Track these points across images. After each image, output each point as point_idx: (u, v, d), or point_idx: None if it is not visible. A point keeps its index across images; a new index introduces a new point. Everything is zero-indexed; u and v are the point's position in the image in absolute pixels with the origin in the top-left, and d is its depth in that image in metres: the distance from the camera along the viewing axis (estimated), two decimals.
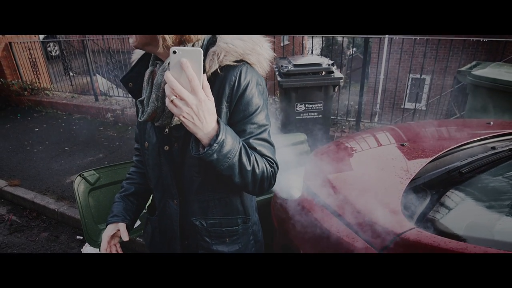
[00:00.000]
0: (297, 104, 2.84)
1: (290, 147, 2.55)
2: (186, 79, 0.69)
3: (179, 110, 0.70)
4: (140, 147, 1.02)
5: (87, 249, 2.55)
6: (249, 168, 0.79)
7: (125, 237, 1.00)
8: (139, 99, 0.86)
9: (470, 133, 1.72)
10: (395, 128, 2.08)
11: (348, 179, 1.52)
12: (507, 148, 1.45)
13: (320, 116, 2.90)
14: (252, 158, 0.80)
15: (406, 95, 7.77)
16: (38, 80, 5.75)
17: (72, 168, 3.58)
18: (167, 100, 0.71)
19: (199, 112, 0.71)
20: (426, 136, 1.81)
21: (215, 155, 0.74)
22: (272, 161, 0.86)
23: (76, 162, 3.71)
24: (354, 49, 17.21)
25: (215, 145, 0.73)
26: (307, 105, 2.85)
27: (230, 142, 0.76)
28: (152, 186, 1.01)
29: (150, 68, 0.86)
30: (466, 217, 1.10)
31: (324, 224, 1.40)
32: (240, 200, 0.97)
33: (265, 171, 0.83)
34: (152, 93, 0.82)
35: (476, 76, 2.46)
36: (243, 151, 0.78)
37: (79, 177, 1.98)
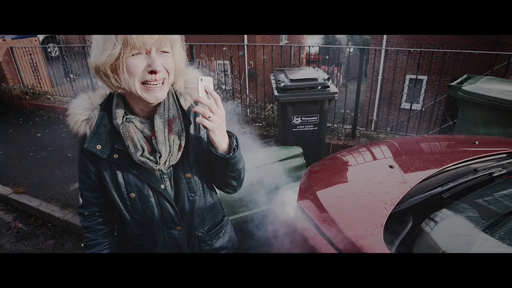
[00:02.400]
0: (293, 117, 2.93)
1: (286, 161, 2.66)
2: (211, 99, 0.90)
3: (214, 124, 0.89)
4: (118, 200, 1.02)
5: None
6: (243, 160, 1.08)
7: None
8: (143, 154, 0.94)
9: (455, 154, 1.81)
10: (385, 145, 2.18)
11: (337, 201, 1.62)
12: (487, 172, 1.55)
13: (316, 128, 2.99)
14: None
15: (403, 95, 7.87)
16: (39, 84, 5.83)
17: (75, 175, 3.68)
18: (200, 119, 0.87)
19: (223, 123, 0.92)
20: (413, 157, 1.90)
21: (239, 154, 1.00)
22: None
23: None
24: (353, 46, 17.22)
25: (239, 145, 0.99)
26: (303, 118, 2.94)
27: (239, 144, 1.01)
28: (139, 233, 1.07)
29: (161, 121, 0.96)
30: (439, 245, 1.20)
31: (313, 244, 1.50)
32: (218, 201, 1.23)
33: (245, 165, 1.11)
34: (173, 143, 0.97)
35: (465, 91, 2.55)
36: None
37: None
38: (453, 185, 1.49)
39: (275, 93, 2.83)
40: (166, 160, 0.97)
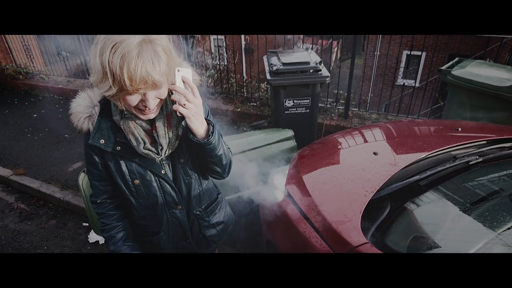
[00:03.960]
0: (285, 100, 2.97)
1: (278, 144, 2.73)
2: (188, 89, 0.96)
3: (189, 111, 0.94)
4: (124, 187, 1.12)
5: (93, 235, 2.81)
6: (225, 147, 1.14)
7: None
8: (145, 146, 1.04)
9: (437, 141, 1.88)
10: (372, 130, 2.25)
11: (322, 188, 1.71)
12: (464, 161, 1.63)
13: (308, 111, 3.04)
14: (224, 143, 1.14)
15: (399, 71, 7.80)
16: (32, 63, 5.76)
17: (74, 156, 3.76)
18: (176, 106, 0.93)
19: (200, 111, 0.97)
20: (397, 143, 1.98)
21: (216, 139, 1.04)
22: (229, 147, 1.20)
23: (77, 150, 3.88)
24: None
25: (214, 132, 1.03)
26: (295, 101, 2.98)
27: (216, 130, 1.06)
28: (144, 214, 1.19)
29: (161, 116, 1.04)
30: (411, 233, 1.30)
31: (298, 227, 1.61)
32: (211, 181, 1.35)
33: (230, 153, 1.18)
34: (172, 134, 1.06)
35: (454, 76, 2.58)
36: (221, 138, 1.12)
37: (82, 173, 2.18)
38: (431, 173, 1.58)
39: (268, 76, 2.85)
40: (166, 150, 1.07)
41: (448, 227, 1.26)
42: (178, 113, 0.95)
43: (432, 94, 3.78)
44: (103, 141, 1.04)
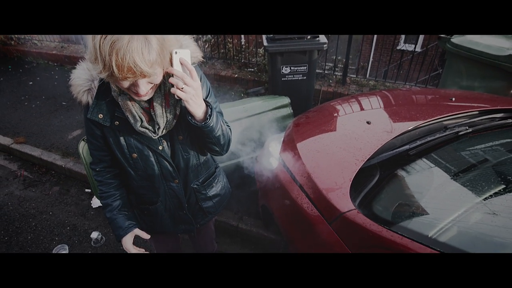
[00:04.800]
0: (282, 67, 2.93)
1: (274, 111, 2.74)
2: (187, 71, 0.93)
3: (187, 95, 0.93)
4: (122, 159, 1.16)
5: (96, 201, 2.92)
6: (224, 127, 1.14)
7: (146, 236, 1.28)
8: (142, 124, 1.05)
9: (431, 111, 1.90)
10: (368, 99, 2.25)
11: (315, 156, 1.76)
12: (453, 131, 1.66)
13: (305, 78, 3.02)
14: (224, 124, 1.14)
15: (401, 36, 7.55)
16: None
17: (72, 124, 3.78)
18: (174, 89, 0.92)
19: (198, 94, 0.97)
20: (391, 112, 2.00)
21: (213, 121, 1.04)
22: (229, 125, 1.21)
23: (75, 117, 3.90)
24: None
25: (212, 115, 1.03)
26: (292, 68, 2.94)
27: (215, 112, 1.06)
28: (142, 185, 1.23)
29: (159, 96, 1.03)
30: (397, 200, 1.37)
31: (291, 194, 1.68)
32: (210, 156, 1.36)
33: (229, 132, 1.18)
34: (170, 113, 1.06)
35: (454, 44, 2.53)
36: (220, 118, 1.11)
37: (82, 141, 2.23)
38: (420, 142, 1.62)
39: (265, 42, 2.80)
40: (163, 129, 1.08)
41: (432, 195, 1.32)
42: (176, 96, 0.94)
43: (431, 61, 3.71)
44: (102, 116, 1.05)
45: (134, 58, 0.81)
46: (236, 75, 4.21)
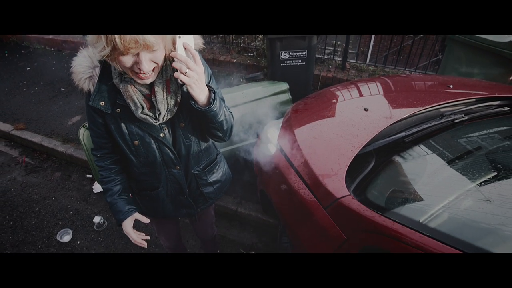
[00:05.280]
0: (281, 52, 2.91)
1: (273, 97, 2.75)
2: (190, 56, 0.94)
3: (191, 79, 0.94)
4: (124, 146, 1.18)
5: (97, 186, 2.97)
6: (227, 113, 1.15)
7: (146, 220, 1.31)
8: (143, 111, 1.06)
9: (428, 98, 1.90)
10: (366, 85, 2.26)
11: (312, 142, 1.78)
12: (449, 119, 1.68)
13: (304, 63, 3.00)
14: (226, 109, 1.15)
15: None
16: None
17: (72, 110, 3.78)
18: (177, 74, 0.92)
19: (201, 79, 0.97)
20: (388, 99, 2.00)
21: (216, 106, 1.04)
22: (231, 111, 1.22)
23: (74, 103, 3.90)
24: None
25: (216, 99, 1.03)
26: (291, 53, 2.92)
27: (218, 97, 1.07)
28: (143, 171, 1.26)
29: (160, 81, 1.03)
30: (391, 187, 1.40)
31: (288, 179, 1.72)
32: (212, 142, 1.39)
33: (231, 118, 1.19)
34: (171, 99, 1.06)
35: None
36: (222, 103, 1.12)
37: (82, 128, 2.25)
38: (416, 130, 1.64)
39: None
40: (164, 116, 1.09)
41: (425, 182, 1.35)
42: (179, 81, 0.94)
43: (432, 46, 3.68)
44: (103, 103, 1.06)
45: None
46: (235, 60, 4.17)
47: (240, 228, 2.61)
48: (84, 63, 1.04)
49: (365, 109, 1.90)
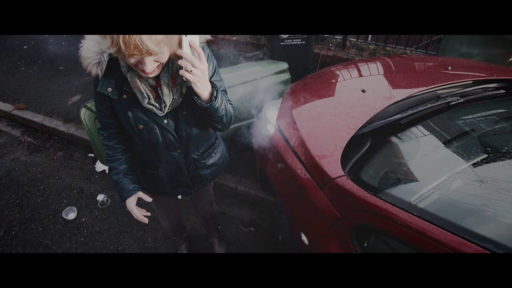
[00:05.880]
0: None
1: (272, 76, 2.74)
2: (195, 54, 0.96)
3: (195, 77, 0.97)
4: (128, 129, 1.22)
5: (100, 165, 3.03)
6: (228, 107, 1.19)
7: (148, 199, 1.38)
8: (149, 102, 1.09)
9: (425, 80, 1.91)
10: (365, 66, 2.26)
11: (309, 123, 1.81)
12: (445, 101, 1.70)
13: (304, 42, 2.97)
14: (227, 103, 1.20)
15: None
16: None
17: (71, 89, 3.78)
18: (182, 71, 0.96)
19: (205, 76, 1.01)
20: (386, 80, 2.01)
21: (218, 103, 1.09)
22: (231, 103, 1.28)
23: (73, 82, 3.88)
24: None
25: (218, 96, 1.08)
26: None
27: (220, 94, 1.11)
28: (146, 151, 1.31)
29: (166, 75, 1.07)
30: (384, 168, 1.44)
31: (286, 159, 1.77)
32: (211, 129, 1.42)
33: (231, 110, 1.24)
34: (176, 92, 1.10)
35: None
36: (224, 98, 1.16)
37: (84, 108, 2.28)
38: (412, 112, 1.66)
39: None
40: (169, 107, 1.13)
41: (417, 163, 1.40)
42: (184, 78, 0.97)
43: None
44: (110, 89, 1.10)
45: (141, 36, 0.84)
46: (234, 38, 4.11)
47: (240, 205, 2.70)
48: (93, 48, 1.06)
49: (363, 91, 1.91)
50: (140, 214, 1.37)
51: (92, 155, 3.15)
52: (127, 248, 2.35)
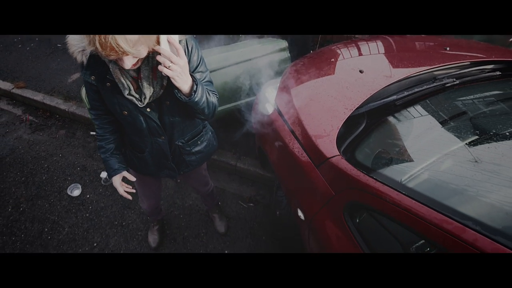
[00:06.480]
0: None
1: (271, 55, 2.74)
2: (174, 50, 0.98)
3: (174, 72, 0.99)
4: (114, 113, 1.25)
5: None
6: (210, 100, 1.20)
7: (133, 178, 1.45)
8: (129, 93, 1.12)
9: (423, 61, 1.92)
10: (364, 45, 2.25)
11: (307, 103, 1.84)
12: (441, 83, 1.72)
13: None
14: (210, 95, 1.21)
15: None
16: None
17: (71, 67, 3.77)
18: (161, 67, 0.99)
19: (185, 71, 1.04)
20: (384, 60, 2.02)
21: (198, 97, 1.11)
22: (216, 94, 1.28)
23: (72, 60, 3.83)
24: None
25: (197, 90, 1.09)
26: None
27: (201, 87, 1.12)
28: (131, 134, 1.35)
29: (146, 68, 1.08)
30: (378, 148, 1.49)
31: (284, 139, 1.82)
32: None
33: (215, 102, 1.25)
34: (157, 85, 1.12)
35: None
36: (206, 91, 1.18)
37: (84, 87, 2.31)
38: (407, 93, 1.69)
39: None
40: (150, 97, 1.15)
41: (410, 144, 1.44)
42: (163, 73, 0.98)
43: None
44: (94, 77, 1.12)
45: (115, 38, 0.85)
46: None
47: (239, 182, 2.78)
48: (77, 36, 1.07)
49: (360, 71, 1.93)
50: (124, 192, 1.44)
51: (94, 133, 3.19)
52: (131, 223, 2.45)
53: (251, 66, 2.64)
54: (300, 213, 1.70)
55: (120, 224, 2.46)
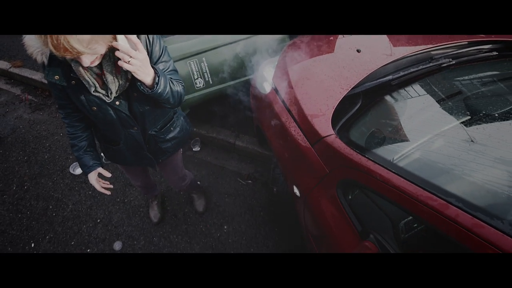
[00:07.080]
0: None
1: (269, 35, 2.71)
2: (132, 45, 0.99)
3: (134, 67, 1.00)
4: (83, 110, 1.23)
5: None
6: (174, 89, 1.20)
7: (108, 174, 1.46)
8: (95, 90, 1.12)
9: (422, 39, 1.91)
10: None
11: (304, 83, 1.86)
12: (437, 63, 1.72)
13: None
14: (174, 84, 1.20)
15: None
16: None
17: None
18: (121, 62, 0.98)
19: (145, 64, 1.03)
20: (383, 39, 2.01)
21: (161, 88, 1.11)
22: (181, 82, 1.28)
23: None
24: None
25: (160, 82, 1.09)
26: None
27: (163, 78, 1.12)
28: (104, 129, 1.35)
29: (109, 64, 1.07)
30: (372, 127, 1.53)
31: (281, 118, 1.85)
32: None
33: (180, 90, 1.25)
34: (121, 78, 1.12)
35: None
36: (169, 81, 1.17)
37: None
38: (403, 73, 1.70)
39: None
40: (116, 91, 1.15)
41: (403, 124, 1.48)
42: (124, 68, 0.98)
43: None
44: (58, 77, 1.09)
45: (68, 39, 0.83)
46: None
47: (238, 159, 2.83)
48: (33, 35, 1.03)
49: (358, 51, 1.93)
50: (101, 188, 1.46)
51: None
52: (133, 199, 2.53)
53: (249, 45, 2.62)
54: (296, 190, 1.76)
55: (122, 201, 2.54)
